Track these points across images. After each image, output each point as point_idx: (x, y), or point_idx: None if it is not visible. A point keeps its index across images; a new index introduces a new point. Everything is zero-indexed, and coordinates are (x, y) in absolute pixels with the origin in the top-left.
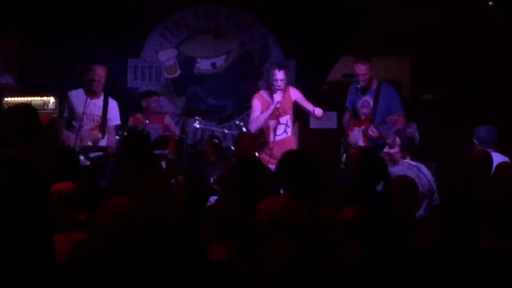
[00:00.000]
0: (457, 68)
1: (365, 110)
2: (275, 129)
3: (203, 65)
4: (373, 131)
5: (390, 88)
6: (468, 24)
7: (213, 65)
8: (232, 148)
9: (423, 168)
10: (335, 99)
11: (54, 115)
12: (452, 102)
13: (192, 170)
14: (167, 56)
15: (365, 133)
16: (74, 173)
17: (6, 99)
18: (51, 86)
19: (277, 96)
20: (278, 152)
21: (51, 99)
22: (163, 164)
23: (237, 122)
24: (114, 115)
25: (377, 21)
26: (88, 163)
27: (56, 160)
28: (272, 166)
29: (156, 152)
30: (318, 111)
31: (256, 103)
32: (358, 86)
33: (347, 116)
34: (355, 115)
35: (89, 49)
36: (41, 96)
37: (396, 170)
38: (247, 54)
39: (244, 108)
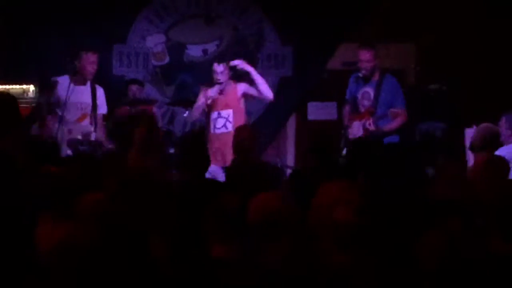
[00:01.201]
0: (469, 55)
1: (365, 102)
2: (215, 121)
3: (194, 51)
4: (370, 125)
5: (393, 79)
6: (479, 6)
7: (205, 51)
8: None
9: None
10: (335, 88)
11: (34, 105)
12: (462, 92)
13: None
14: (155, 42)
15: (364, 127)
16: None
17: None
18: (32, 73)
19: (211, 91)
20: (218, 146)
21: (31, 87)
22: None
23: None
24: (101, 103)
25: (379, 5)
26: None
27: (36, 153)
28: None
29: None
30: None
31: (200, 96)
32: (359, 75)
33: (347, 108)
34: (355, 107)
35: (71, 34)
36: (20, 84)
37: None
38: (241, 40)
39: None
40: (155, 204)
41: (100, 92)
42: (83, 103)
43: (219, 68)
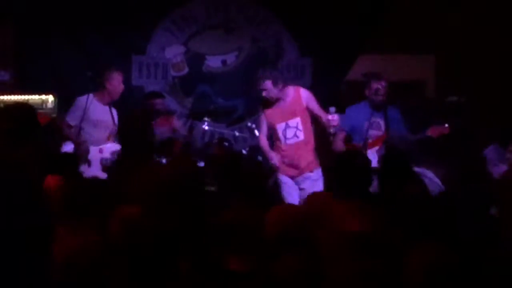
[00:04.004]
0: (488, 68)
1: (374, 132)
2: (284, 133)
3: (213, 62)
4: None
5: (396, 109)
6: (499, 20)
7: (224, 62)
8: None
9: (429, 174)
10: (353, 99)
11: (53, 115)
12: (482, 105)
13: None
14: (174, 52)
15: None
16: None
17: (1, 97)
18: (50, 84)
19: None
20: (291, 157)
21: (50, 98)
22: None
23: (249, 124)
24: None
25: (399, 17)
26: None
27: (53, 164)
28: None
29: (159, 158)
30: (332, 118)
31: (262, 120)
32: (367, 104)
33: (341, 137)
34: (360, 137)
35: (90, 45)
36: (39, 94)
37: None
38: (260, 51)
39: (257, 109)
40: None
41: (114, 112)
42: (107, 121)
43: (264, 85)
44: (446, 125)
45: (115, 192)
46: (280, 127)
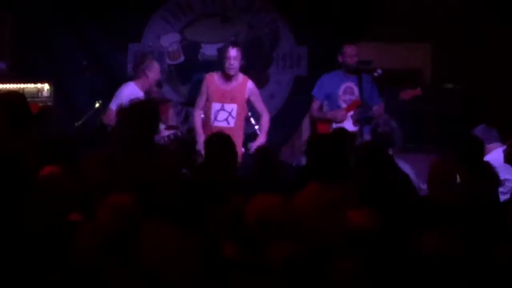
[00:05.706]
0: (484, 55)
1: (347, 97)
2: (216, 114)
3: (209, 50)
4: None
5: (369, 76)
6: (496, 7)
7: (219, 50)
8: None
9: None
10: None
11: (49, 103)
12: (478, 93)
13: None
14: (169, 41)
15: (354, 118)
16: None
17: None
18: (47, 73)
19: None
20: None
21: (46, 86)
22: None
23: None
24: None
25: (395, 5)
26: None
27: (50, 153)
28: None
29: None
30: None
31: (204, 86)
32: (340, 71)
33: (316, 106)
34: (333, 103)
35: (86, 34)
36: (35, 83)
37: None
38: (256, 39)
39: None
40: None
41: None
42: None
43: (233, 51)
44: (419, 88)
45: None
46: (215, 106)
